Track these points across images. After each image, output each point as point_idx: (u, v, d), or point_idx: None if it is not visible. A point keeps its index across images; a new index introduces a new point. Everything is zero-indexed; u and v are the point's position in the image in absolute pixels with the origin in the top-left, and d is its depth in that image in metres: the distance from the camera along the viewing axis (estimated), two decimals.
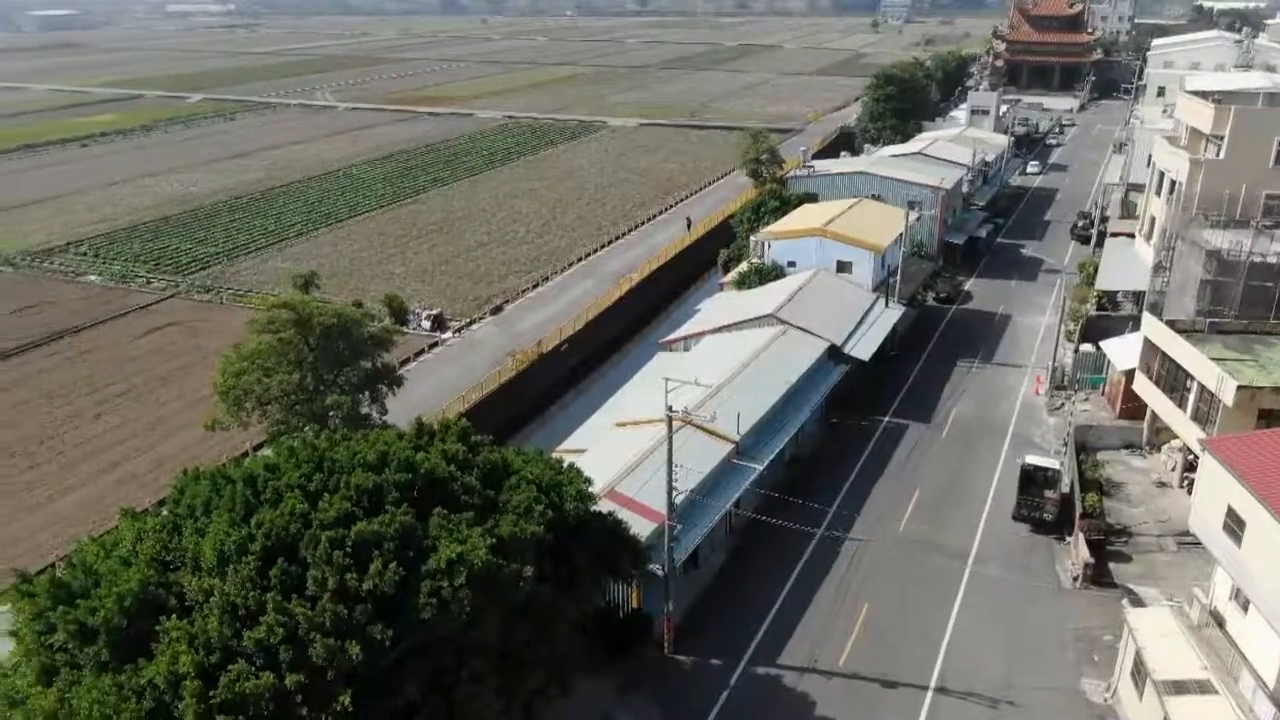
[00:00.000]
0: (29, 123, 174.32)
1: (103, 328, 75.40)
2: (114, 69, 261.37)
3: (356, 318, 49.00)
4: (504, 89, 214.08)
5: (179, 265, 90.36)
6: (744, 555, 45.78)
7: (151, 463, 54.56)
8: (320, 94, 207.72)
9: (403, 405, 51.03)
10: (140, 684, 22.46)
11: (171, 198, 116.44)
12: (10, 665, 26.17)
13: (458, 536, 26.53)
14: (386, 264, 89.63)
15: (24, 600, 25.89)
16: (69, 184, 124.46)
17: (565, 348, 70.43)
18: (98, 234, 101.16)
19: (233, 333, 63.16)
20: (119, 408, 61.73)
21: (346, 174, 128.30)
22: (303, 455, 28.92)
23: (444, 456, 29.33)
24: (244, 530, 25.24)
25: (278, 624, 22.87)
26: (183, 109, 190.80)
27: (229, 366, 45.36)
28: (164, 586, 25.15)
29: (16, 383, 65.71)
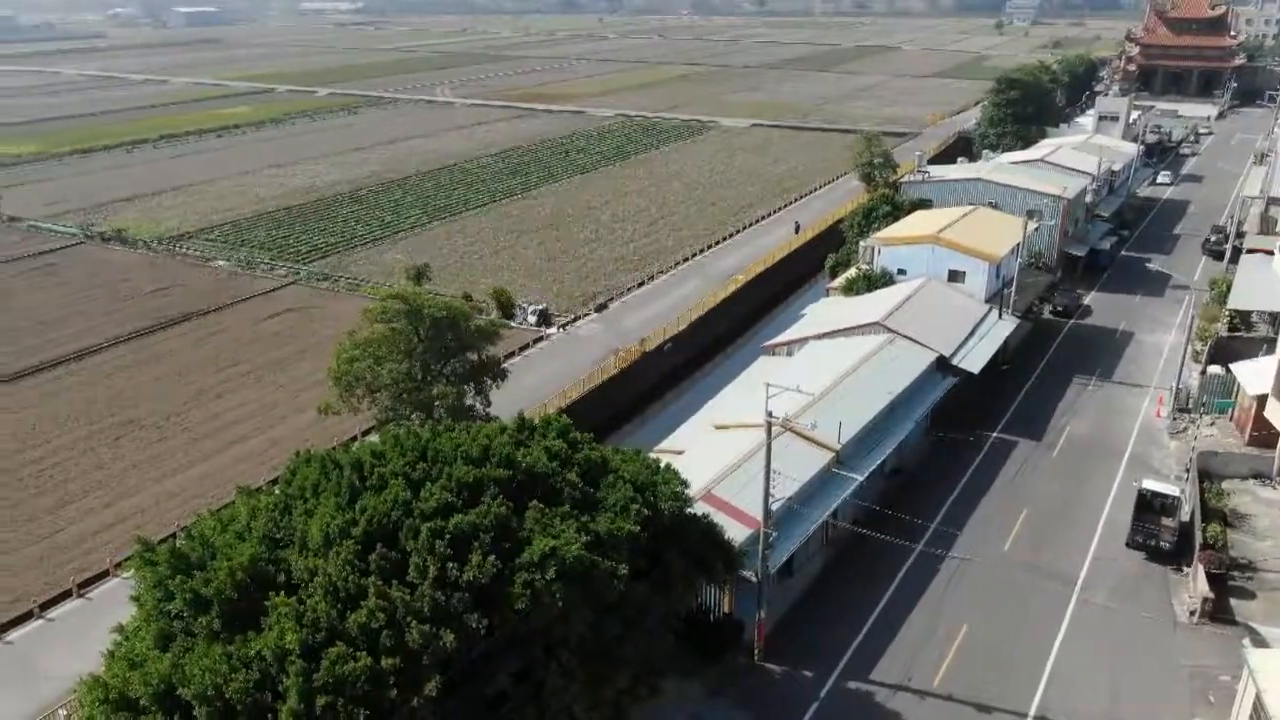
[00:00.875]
0: (170, 114, 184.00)
1: (228, 311, 79.05)
2: (249, 64, 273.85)
3: (465, 311, 50.09)
4: (618, 87, 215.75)
5: (300, 254, 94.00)
6: (840, 566, 45.04)
7: (267, 442, 56.91)
8: (440, 90, 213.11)
9: (506, 398, 51.94)
10: (248, 655, 23.44)
11: (296, 188, 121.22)
12: (131, 628, 27.65)
13: (552, 531, 26.86)
14: (496, 258, 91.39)
15: (146, 568, 27.34)
16: (203, 173, 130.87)
17: (668, 347, 70.55)
18: (227, 221, 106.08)
19: (348, 320, 65.35)
20: (240, 388, 64.60)
21: (461, 169, 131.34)
22: (407, 444, 29.73)
23: (545, 452, 29.70)
24: (349, 514, 26.09)
25: (378, 609, 23.57)
26: (310, 103, 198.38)
27: (343, 353, 46.95)
28: (273, 563, 26.20)
29: (150, 360, 69.43)
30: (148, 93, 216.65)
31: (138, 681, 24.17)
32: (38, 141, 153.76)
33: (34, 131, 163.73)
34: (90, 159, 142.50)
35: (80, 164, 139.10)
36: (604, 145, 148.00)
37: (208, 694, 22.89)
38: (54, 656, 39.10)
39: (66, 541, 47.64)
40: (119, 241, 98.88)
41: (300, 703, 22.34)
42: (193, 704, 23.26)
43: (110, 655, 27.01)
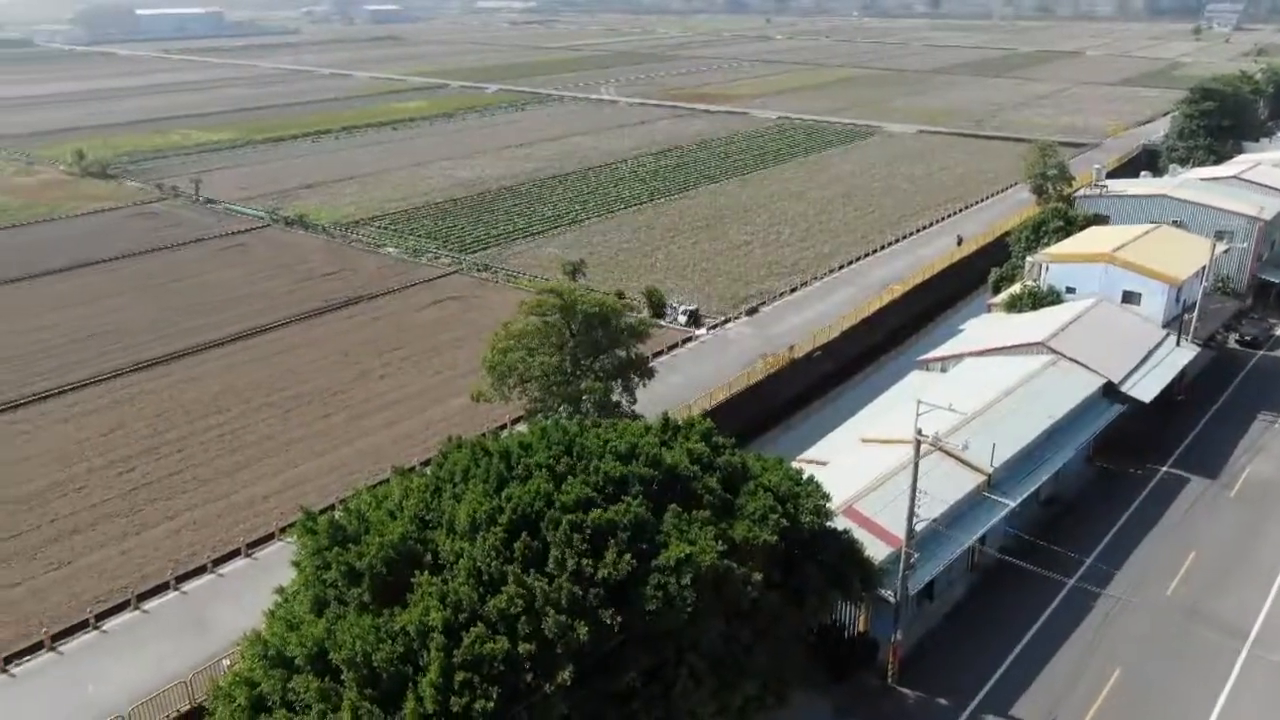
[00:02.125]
0: (352, 107, 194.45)
1: (393, 296, 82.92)
2: (427, 60, 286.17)
3: (617, 308, 50.87)
4: (781, 89, 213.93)
5: (463, 244, 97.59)
6: (984, 594, 43.31)
7: (423, 424, 59.39)
8: (604, 88, 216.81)
9: (651, 396, 52.45)
10: (394, 629, 24.57)
11: (463, 181, 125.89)
12: (291, 592, 29.46)
13: (689, 536, 26.95)
14: (650, 257, 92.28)
15: (307, 536, 29.08)
16: (378, 163, 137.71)
17: (818, 355, 69.54)
18: (398, 210, 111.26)
19: (504, 311, 67.42)
20: (400, 371, 67.67)
21: (622, 167, 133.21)
22: (554, 437, 30.45)
23: (688, 455, 29.84)
24: (495, 502, 26.95)
25: (518, 595, 24.27)
26: (480, 99, 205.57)
27: (498, 343, 48.50)
28: (421, 543, 27.36)
29: (320, 339, 73.64)
30: (333, 86, 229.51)
31: (294, 642, 25.73)
32: (234, 130, 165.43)
33: (231, 120, 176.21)
34: (279, 147, 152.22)
35: (270, 152, 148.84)
36: (764, 147, 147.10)
37: (356, 660, 24.12)
38: (221, 609, 42.06)
39: (240, 503, 51.13)
40: (300, 226, 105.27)
41: (440, 677, 23.25)
42: (341, 668, 24.57)
43: (271, 615, 28.86)
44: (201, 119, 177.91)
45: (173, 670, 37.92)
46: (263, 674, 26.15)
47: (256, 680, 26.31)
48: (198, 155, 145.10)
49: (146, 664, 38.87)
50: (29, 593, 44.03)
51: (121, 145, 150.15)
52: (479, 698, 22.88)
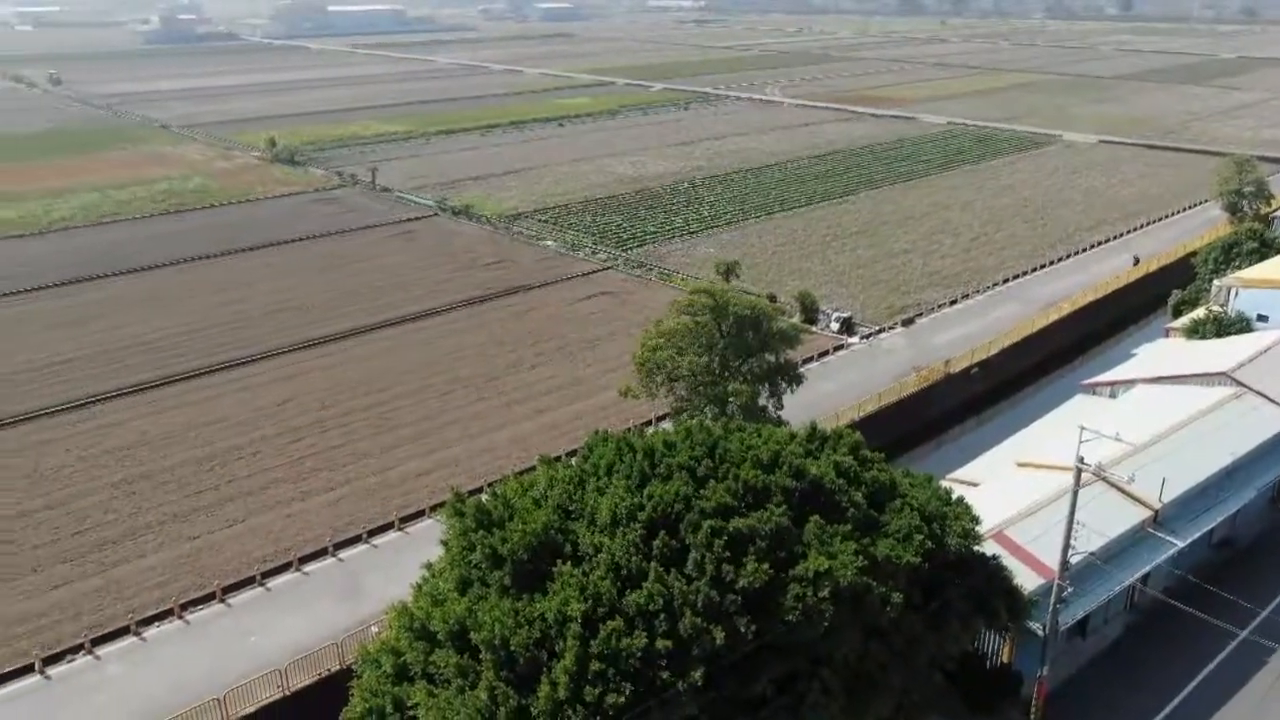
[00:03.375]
0: (520, 102, 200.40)
1: (549, 289, 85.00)
2: (595, 58, 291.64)
3: (769, 311, 50.53)
4: (953, 93, 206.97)
5: (619, 240, 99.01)
6: (1143, 637, 40.74)
7: (571, 415, 60.68)
8: (769, 89, 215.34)
9: (799, 403, 51.84)
10: (532, 614, 25.24)
11: (623, 178, 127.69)
12: (437, 569, 30.68)
13: (829, 550, 26.53)
14: (806, 261, 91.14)
15: (455, 517, 30.20)
16: (543, 158, 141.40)
17: (975, 371, 67.04)
18: (558, 205, 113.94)
19: (656, 309, 68.07)
20: (551, 362, 69.33)
21: (782, 169, 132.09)
22: (697, 438, 30.53)
23: (833, 467, 29.37)
24: (636, 498, 27.27)
25: (656, 593, 24.52)
26: (644, 97, 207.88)
27: (648, 341, 48.99)
28: (562, 533, 27.97)
29: (478, 326, 76.31)
30: (504, 82, 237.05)
31: (438, 618, 26.80)
32: (410, 122, 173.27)
33: (407, 113, 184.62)
34: (450, 139, 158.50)
35: (441, 144, 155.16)
36: (931, 153, 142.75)
37: (494, 642, 24.91)
38: (373, 578, 44.25)
39: (395, 479, 53.62)
40: (466, 216, 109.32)
41: (575, 666, 23.75)
42: (480, 647, 25.43)
43: (418, 589, 30.14)
44: (381, 110, 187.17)
45: (326, 631, 40.16)
46: (407, 645, 27.36)
47: (401, 650, 27.56)
48: (376, 145, 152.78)
49: (303, 623, 41.34)
50: (205, 546, 47.56)
51: (309, 134, 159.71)
52: (611, 690, 23.25)
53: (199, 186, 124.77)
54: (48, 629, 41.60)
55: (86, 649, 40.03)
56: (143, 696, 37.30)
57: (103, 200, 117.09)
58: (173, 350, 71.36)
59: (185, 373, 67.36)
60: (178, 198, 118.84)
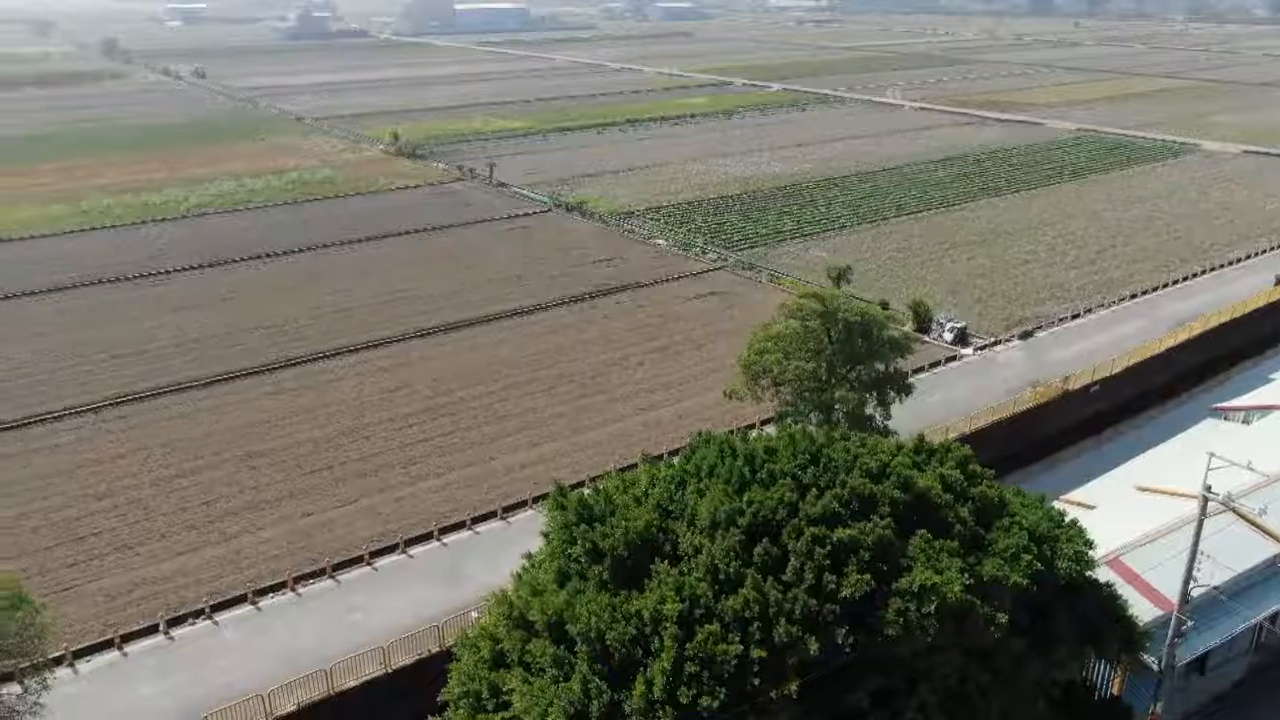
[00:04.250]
0: (637, 100, 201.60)
1: (659, 287, 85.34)
2: (713, 57, 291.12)
3: (880, 319, 49.62)
4: (1084, 99, 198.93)
5: (730, 241, 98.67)
6: (1269, 680, 38.49)
7: (674, 415, 60.82)
8: (889, 91, 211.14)
9: (907, 413, 50.74)
10: (629, 611, 25.41)
11: (736, 178, 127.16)
12: (537, 559, 31.21)
13: (935, 565, 25.92)
14: (921, 269, 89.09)
15: (557, 510, 30.65)
16: (657, 157, 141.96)
17: (1095, 389, 64.34)
18: (671, 204, 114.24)
19: (765, 311, 67.56)
20: (658, 360, 69.61)
21: (899, 173, 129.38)
22: (801, 445, 30.20)
23: (940, 481, 28.67)
24: (736, 502, 27.16)
25: (754, 600, 24.39)
26: (761, 97, 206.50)
27: (755, 343, 48.71)
28: (662, 532, 28.08)
29: (586, 322, 77.18)
30: (621, 80, 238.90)
31: (536, 608, 27.25)
32: (528, 119, 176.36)
33: (526, 110, 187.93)
34: (567, 136, 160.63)
35: (558, 141, 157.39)
36: (1058, 161, 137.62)
37: (590, 635, 25.20)
38: (474, 563, 45.30)
39: (499, 469, 54.74)
40: (579, 213, 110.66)
41: (670, 666, 23.82)
42: (576, 640, 25.77)
43: (517, 578, 30.72)
44: (500, 107, 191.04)
45: (427, 613, 41.30)
46: (505, 632, 27.92)
47: (499, 637, 28.14)
48: (494, 141, 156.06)
49: (406, 603, 42.63)
50: (318, 523, 49.50)
51: (431, 129, 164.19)
52: (705, 694, 23.23)
53: (326, 177, 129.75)
54: (172, 592, 43.99)
55: (207, 614, 42.18)
56: (256, 662, 39.09)
57: (238, 188, 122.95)
58: (294, 334, 74.45)
59: (305, 356, 70.19)
60: (306, 188, 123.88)
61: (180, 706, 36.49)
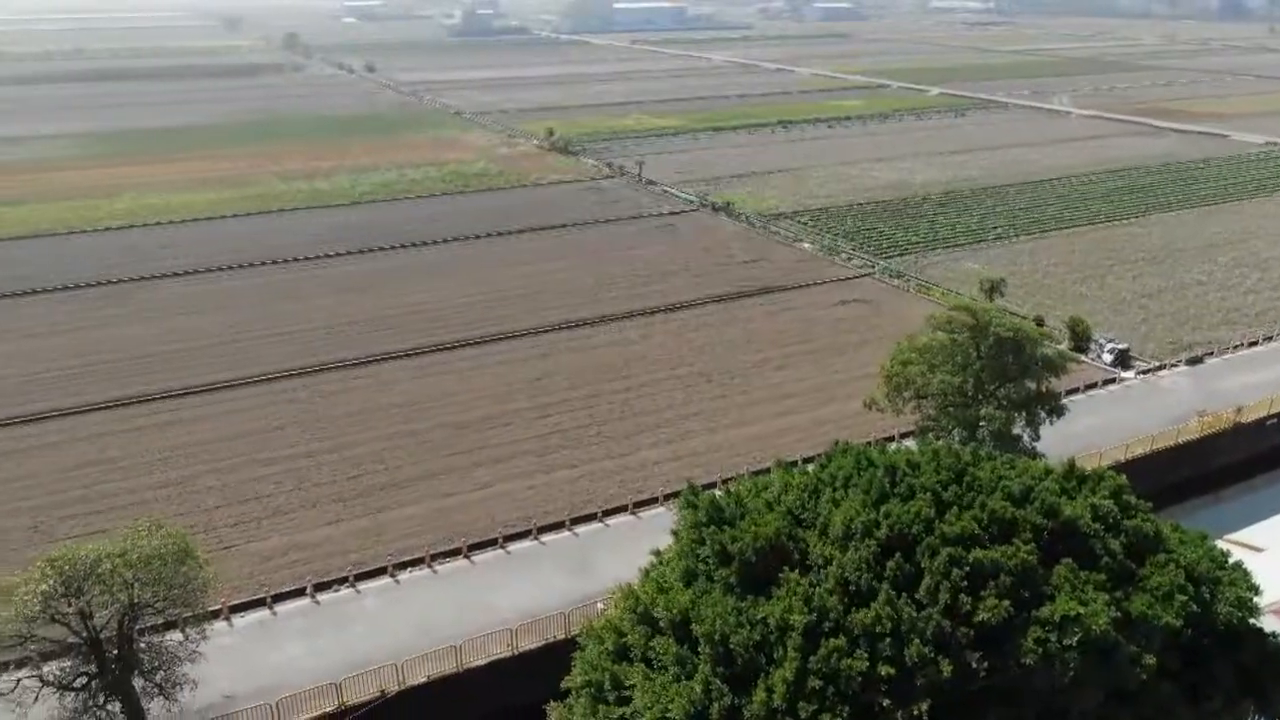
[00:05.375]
0: (790, 101, 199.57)
1: (803, 291, 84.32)
2: (870, 59, 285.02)
3: (1033, 336, 47.59)
4: (1276, 109, 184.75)
5: (878, 248, 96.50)
6: None
7: (811, 421, 59.99)
8: (1056, 98, 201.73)
9: (1057, 436, 48.48)
10: (755, 617, 25.20)
11: (888, 183, 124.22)
12: (666, 557, 31.32)
13: (1080, 596, 24.64)
14: (1081, 285, 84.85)
15: (688, 509, 30.67)
16: (808, 159, 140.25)
17: (1272, 423, 59.80)
18: (820, 207, 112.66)
19: (911, 322, 65.88)
20: (798, 364, 68.79)
21: (1064, 184, 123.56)
22: (944, 461, 29.23)
23: (1090, 510, 27.25)
24: (872, 515, 26.52)
25: (885, 616, 23.79)
26: (919, 101, 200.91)
27: (899, 354, 47.53)
28: (792, 539, 27.70)
29: (728, 323, 77.00)
30: (775, 80, 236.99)
31: (662, 605, 27.36)
32: (680, 118, 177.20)
33: (678, 109, 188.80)
34: (717, 136, 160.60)
35: (709, 140, 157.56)
36: (1243, 176, 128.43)
37: (714, 637, 25.11)
38: (603, 555, 45.90)
39: (632, 464, 55.33)
40: (726, 213, 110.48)
41: (793, 676, 23.50)
42: (700, 640, 25.74)
43: (645, 574, 30.91)
44: (653, 106, 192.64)
45: (554, 600, 42.18)
46: (630, 626, 28.14)
47: (624, 631, 28.37)
48: (645, 139, 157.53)
49: (535, 589, 43.65)
50: (457, 505, 51.26)
51: (584, 125, 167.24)
52: (828, 709, 22.81)
53: (481, 170, 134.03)
54: (319, 559, 46.43)
55: (350, 582, 44.31)
56: (392, 631, 40.84)
57: (399, 178, 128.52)
58: (442, 321, 77.24)
59: (451, 342, 72.72)
60: (462, 180, 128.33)
61: (322, 668, 38.47)
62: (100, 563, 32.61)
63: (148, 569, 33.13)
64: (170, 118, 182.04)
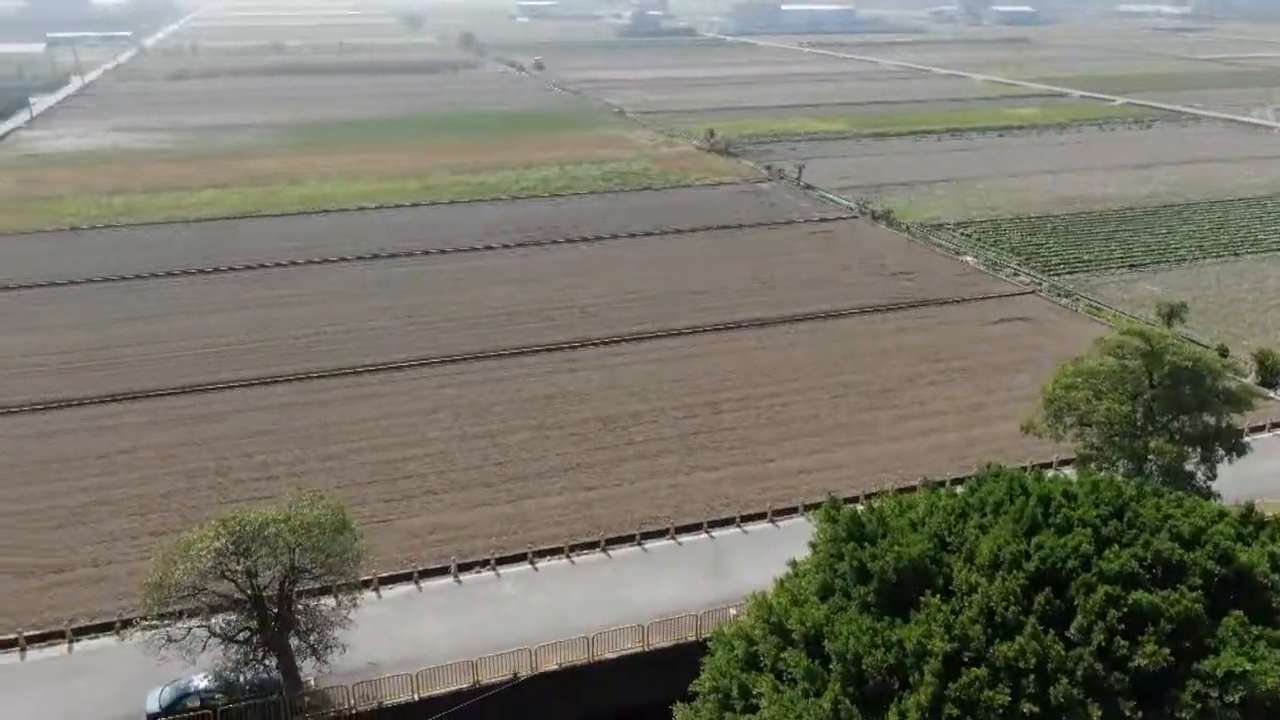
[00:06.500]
0: (960, 109, 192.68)
1: (962, 306, 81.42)
2: (1050, 65, 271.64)
3: (1215, 367, 44.44)
4: None
5: (1047, 265, 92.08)
6: None
7: (963, 441, 57.87)
8: (1256, 110, 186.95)
9: (1236, 477, 44.97)
10: (891, 639, 24.56)
11: (1061, 197, 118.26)
12: (802, 569, 30.91)
13: (1249, 652, 22.88)
14: (1274, 314, 78.50)
15: (828, 522, 30.17)
16: (975, 169, 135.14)
17: None
18: (985, 219, 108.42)
19: (1078, 344, 62.59)
20: (952, 382, 66.47)
21: (1260, 204, 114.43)
22: (1105, 494, 27.70)
23: (1270, 560, 25.26)
24: (1023, 544, 25.40)
25: (1031, 651, 22.75)
26: (1101, 110, 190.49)
27: (1063, 377, 45.20)
28: (935, 563, 26.84)
29: (879, 334, 75.16)
30: (946, 87, 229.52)
31: (795, 618, 27.03)
32: (844, 122, 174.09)
33: (842, 113, 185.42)
34: (881, 142, 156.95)
35: (872, 146, 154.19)
36: None
37: (847, 655, 24.64)
38: (738, 560, 45.68)
39: (774, 471, 54.81)
40: (885, 222, 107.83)
41: (929, 703, 22.79)
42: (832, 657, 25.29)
43: (780, 584, 30.59)
44: (817, 109, 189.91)
45: (687, 601, 42.29)
46: (761, 636, 27.93)
47: (755, 639, 28.19)
48: (807, 143, 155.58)
49: (669, 588, 43.90)
50: (598, 498, 52.12)
51: (745, 127, 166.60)
52: None
53: (641, 169, 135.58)
54: (463, 540, 48.12)
55: (491, 565, 45.77)
56: (528, 618, 41.96)
57: (560, 174, 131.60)
58: (596, 316, 78.62)
59: (602, 338, 73.94)
60: (621, 178, 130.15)
61: (460, 645, 39.86)
62: (267, 526, 34.92)
63: (308, 536, 35.24)
64: (353, 111, 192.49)
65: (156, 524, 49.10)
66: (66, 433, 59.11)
